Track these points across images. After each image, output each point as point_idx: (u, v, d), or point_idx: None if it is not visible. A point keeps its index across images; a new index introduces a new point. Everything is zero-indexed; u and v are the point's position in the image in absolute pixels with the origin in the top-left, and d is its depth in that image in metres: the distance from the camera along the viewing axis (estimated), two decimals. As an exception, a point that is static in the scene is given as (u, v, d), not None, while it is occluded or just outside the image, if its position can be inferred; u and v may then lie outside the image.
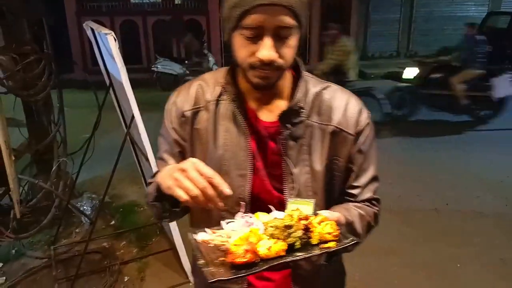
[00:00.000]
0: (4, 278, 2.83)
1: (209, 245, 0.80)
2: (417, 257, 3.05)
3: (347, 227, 0.95)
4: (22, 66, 3.02)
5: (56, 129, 3.44)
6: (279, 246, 0.74)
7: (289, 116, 0.95)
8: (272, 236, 0.77)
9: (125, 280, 2.79)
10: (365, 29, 11.99)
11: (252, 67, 0.88)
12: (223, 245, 0.78)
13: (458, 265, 2.94)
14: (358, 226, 0.99)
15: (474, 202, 3.86)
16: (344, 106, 0.99)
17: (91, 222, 3.35)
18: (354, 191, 1.03)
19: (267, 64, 0.86)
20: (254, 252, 0.72)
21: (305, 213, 0.82)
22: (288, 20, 0.84)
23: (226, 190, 0.78)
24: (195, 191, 0.77)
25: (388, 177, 4.17)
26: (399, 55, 12.35)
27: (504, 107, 6.17)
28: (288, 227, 0.77)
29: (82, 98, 6.03)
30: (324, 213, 0.85)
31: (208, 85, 1.01)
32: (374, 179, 1.05)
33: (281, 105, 0.98)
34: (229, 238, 0.79)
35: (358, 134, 0.99)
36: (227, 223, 0.87)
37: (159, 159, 1.07)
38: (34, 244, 3.22)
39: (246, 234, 0.77)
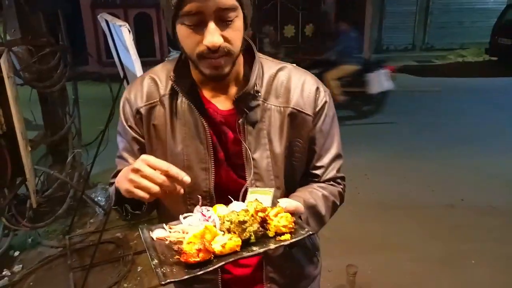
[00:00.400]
0: (21, 266, 2.89)
1: (165, 242, 0.78)
2: (430, 253, 3.01)
3: (310, 210, 0.95)
4: (38, 58, 3.06)
5: (71, 120, 3.48)
6: (233, 243, 0.74)
7: (245, 100, 0.93)
8: (228, 230, 0.76)
9: (138, 270, 2.82)
10: (380, 21, 11.82)
11: (201, 57, 0.85)
12: (179, 242, 0.76)
13: (473, 262, 2.90)
14: (322, 208, 0.98)
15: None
16: (301, 86, 0.97)
17: (105, 212, 3.39)
18: (318, 172, 1.02)
19: (215, 51, 0.83)
20: (207, 251, 0.71)
21: (263, 205, 0.81)
22: (228, 1, 0.81)
23: (185, 178, 0.77)
24: (155, 188, 0.75)
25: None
26: (415, 48, 12.16)
27: (383, 101, 6.29)
28: (243, 222, 0.76)
29: (97, 90, 6.09)
30: (282, 203, 0.84)
31: (160, 78, 0.98)
32: (337, 157, 1.03)
33: (236, 90, 0.95)
34: (186, 234, 0.78)
35: (316, 114, 0.97)
36: (185, 217, 0.85)
37: (118, 157, 1.04)
38: (50, 234, 3.28)
39: (201, 231, 0.75)
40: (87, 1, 10.15)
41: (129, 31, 2.12)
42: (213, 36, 0.81)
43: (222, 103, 0.96)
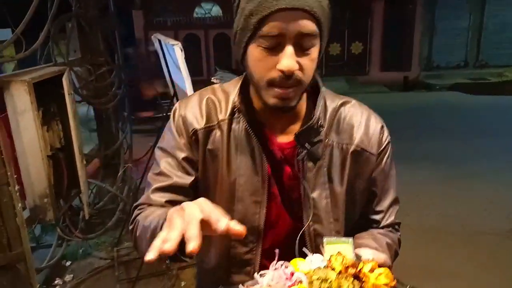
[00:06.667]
0: (72, 275, 2.99)
1: None
2: (485, 283, 2.79)
3: None
4: (96, 76, 3.23)
5: (123, 136, 3.61)
6: None
7: (308, 135, 0.87)
8: None
9: (182, 285, 2.84)
10: (430, 38, 11.48)
11: (271, 84, 0.79)
12: None
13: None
14: (389, 258, 0.90)
15: None
16: (365, 124, 0.92)
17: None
18: (377, 217, 0.97)
19: (288, 77, 0.77)
20: None
21: (349, 258, 0.73)
22: (311, 27, 0.76)
23: (219, 224, 0.62)
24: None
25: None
26: (467, 66, 11.66)
27: None
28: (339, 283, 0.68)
29: (147, 107, 6.32)
30: (367, 255, 0.76)
31: (220, 101, 0.92)
32: (395, 201, 0.99)
33: (297, 123, 0.90)
34: None
35: (380, 153, 0.93)
36: (261, 275, 0.75)
37: (157, 174, 0.91)
38: (99, 245, 3.39)
39: None
40: (141, 23, 10.70)
41: (181, 50, 2.19)
42: (289, 60, 0.76)
43: (281, 136, 0.90)
